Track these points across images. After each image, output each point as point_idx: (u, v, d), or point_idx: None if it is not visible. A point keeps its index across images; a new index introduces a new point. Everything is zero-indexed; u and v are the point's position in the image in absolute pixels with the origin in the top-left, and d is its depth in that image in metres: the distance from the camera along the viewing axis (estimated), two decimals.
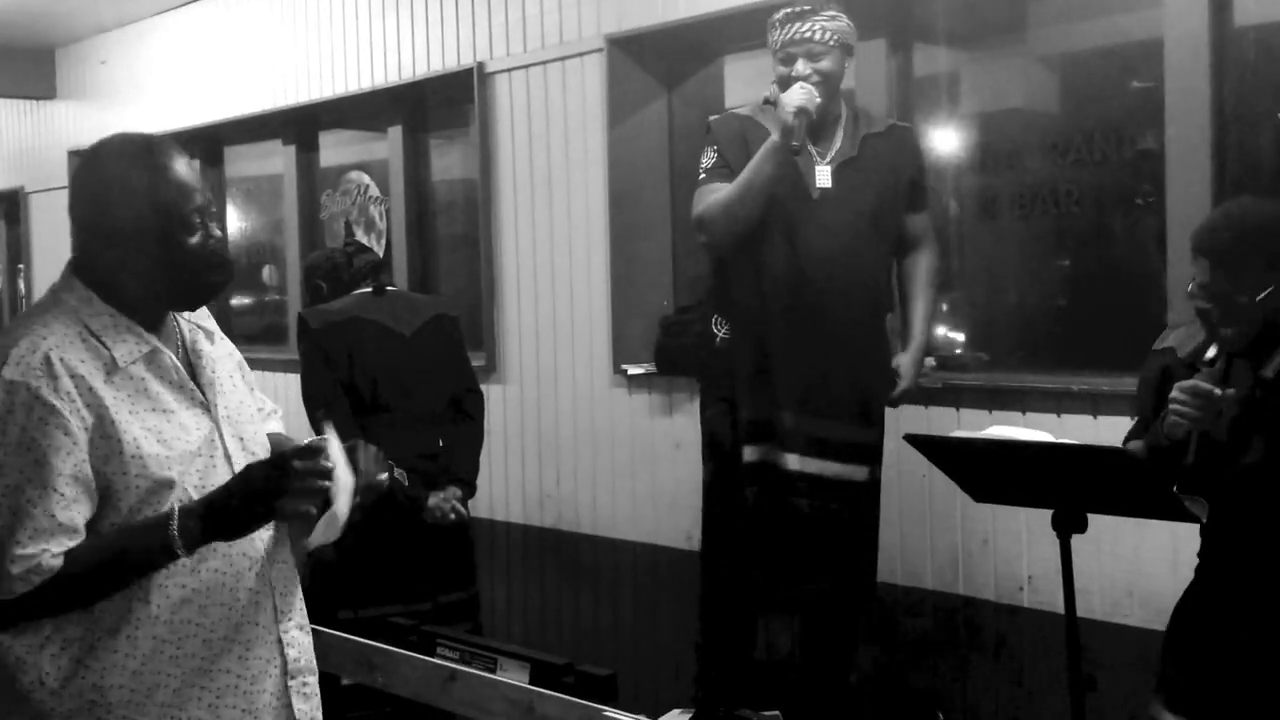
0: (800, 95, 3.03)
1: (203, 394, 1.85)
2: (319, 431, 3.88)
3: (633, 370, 4.41)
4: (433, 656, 2.70)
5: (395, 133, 5.61)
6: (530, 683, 2.47)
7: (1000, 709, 3.60)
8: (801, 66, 3.11)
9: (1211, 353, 2.27)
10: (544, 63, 4.69)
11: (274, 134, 6.33)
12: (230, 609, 1.79)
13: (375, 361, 3.68)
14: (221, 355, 1.98)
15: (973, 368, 3.83)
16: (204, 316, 1.97)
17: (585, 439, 4.62)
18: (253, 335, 6.79)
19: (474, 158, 5.03)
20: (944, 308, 4.05)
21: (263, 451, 1.93)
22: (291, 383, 3.89)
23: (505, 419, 4.88)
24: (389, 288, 3.87)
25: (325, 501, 1.74)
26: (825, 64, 3.11)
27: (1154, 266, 3.42)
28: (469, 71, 4.95)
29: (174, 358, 1.84)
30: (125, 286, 1.85)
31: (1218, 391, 2.17)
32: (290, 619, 1.90)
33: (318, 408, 3.67)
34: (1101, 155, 3.53)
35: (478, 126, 4.93)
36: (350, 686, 3.10)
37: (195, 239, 1.81)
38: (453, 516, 3.70)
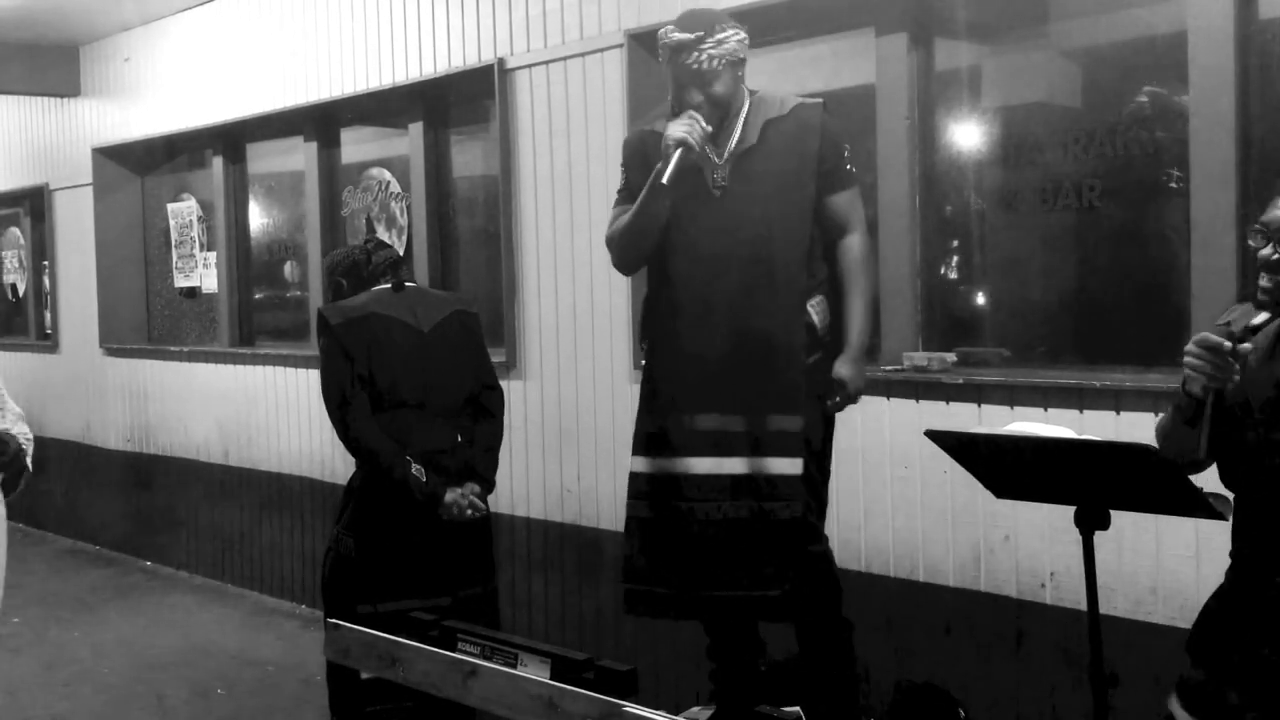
0: (681, 128, 3.06)
1: None
2: (338, 426, 3.91)
3: None
4: (454, 651, 2.71)
5: (416, 129, 5.62)
6: (551, 678, 2.47)
7: (1022, 706, 3.59)
8: (696, 95, 3.12)
9: (1258, 319, 2.23)
10: (564, 58, 4.70)
11: (295, 130, 6.35)
12: None
13: (393, 357, 3.69)
14: None
15: (994, 363, 3.81)
16: None
17: (605, 434, 4.62)
18: (274, 331, 6.83)
19: (495, 154, 5.04)
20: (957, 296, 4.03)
21: None
22: (313, 378, 3.91)
23: (526, 414, 4.89)
24: (408, 284, 3.89)
25: None
26: (718, 88, 3.13)
27: (1178, 261, 3.39)
28: (489, 68, 4.95)
29: None
30: None
31: (1228, 344, 2.15)
32: None
33: (337, 403, 3.69)
34: (1124, 149, 3.51)
35: (498, 122, 4.94)
36: (370, 680, 3.12)
37: None
38: (469, 513, 3.71)
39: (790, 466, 3.09)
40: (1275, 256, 2.20)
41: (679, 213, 3.18)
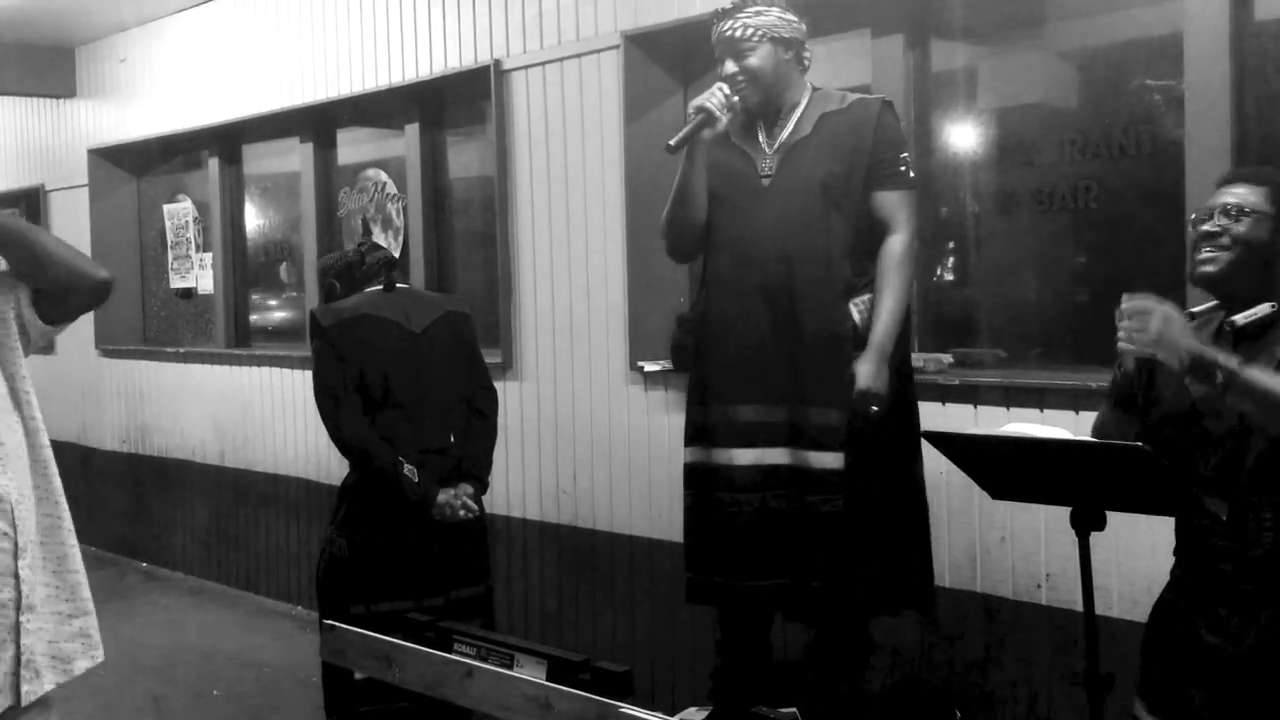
0: (703, 96, 3.08)
1: None
2: (331, 427, 3.88)
3: (649, 367, 4.41)
4: (450, 652, 2.71)
5: (412, 130, 5.62)
6: (547, 679, 2.48)
7: (1018, 707, 3.59)
8: (729, 65, 3.12)
9: (1202, 306, 2.32)
10: (560, 60, 4.69)
11: (292, 131, 6.35)
12: None
13: (386, 358, 3.70)
14: None
15: (990, 364, 3.81)
16: None
17: (602, 435, 4.62)
18: (270, 332, 6.82)
19: (491, 155, 5.03)
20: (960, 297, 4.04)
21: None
22: (309, 379, 3.91)
23: (522, 415, 4.89)
24: (399, 285, 3.89)
25: None
26: (752, 60, 3.12)
27: (1174, 263, 3.39)
28: (486, 69, 4.95)
29: None
30: None
31: (1153, 303, 2.21)
32: (24, 559, 2.25)
33: (330, 404, 3.69)
34: (1120, 151, 3.51)
35: (494, 124, 4.93)
36: (364, 681, 3.12)
37: None
38: (462, 513, 3.71)
39: (832, 460, 3.07)
40: (1209, 228, 2.31)
41: (727, 203, 3.17)
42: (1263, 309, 2.26)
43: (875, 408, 3.06)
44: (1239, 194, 2.30)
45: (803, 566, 3.11)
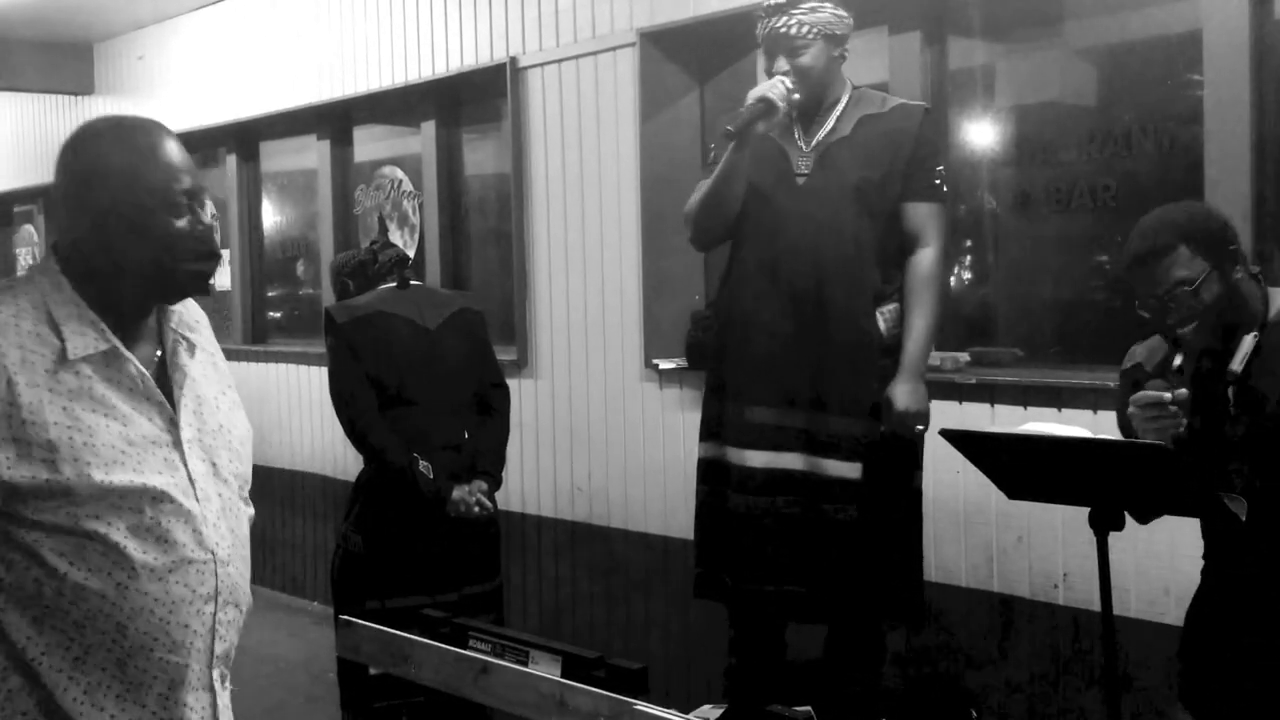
0: (764, 86, 3.05)
1: (172, 409, 1.75)
2: (346, 424, 3.87)
3: (664, 365, 4.41)
4: (465, 648, 2.71)
5: (429, 128, 5.62)
6: (562, 676, 2.47)
7: (1035, 707, 3.58)
8: (781, 62, 3.09)
9: (1178, 361, 2.31)
10: (576, 57, 4.69)
11: (309, 129, 6.36)
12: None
13: (400, 355, 3.71)
14: (201, 373, 1.85)
15: (1007, 363, 3.80)
16: (189, 327, 1.85)
17: (616, 433, 4.62)
18: (285, 328, 6.85)
19: (507, 152, 5.04)
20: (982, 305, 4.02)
21: (235, 481, 1.86)
22: (323, 376, 3.92)
23: (537, 413, 4.89)
24: (413, 282, 3.91)
25: None
26: (804, 59, 3.08)
27: None
28: (502, 66, 4.96)
29: (139, 366, 1.73)
30: (103, 275, 1.72)
31: (1166, 395, 2.20)
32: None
33: (345, 401, 3.71)
34: (1139, 149, 3.50)
35: (510, 121, 4.94)
36: (378, 676, 3.12)
37: (181, 222, 1.71)
38: (477, 510, 3.72)
39: (849, 469, 3.04)
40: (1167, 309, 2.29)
41: (760, 196, 3.14)
42: (1247, 343, 2.27)
43: (921, 427, 3.06)
44: (1176, 269, 2.28)
45: (809, 574, 3.10)
